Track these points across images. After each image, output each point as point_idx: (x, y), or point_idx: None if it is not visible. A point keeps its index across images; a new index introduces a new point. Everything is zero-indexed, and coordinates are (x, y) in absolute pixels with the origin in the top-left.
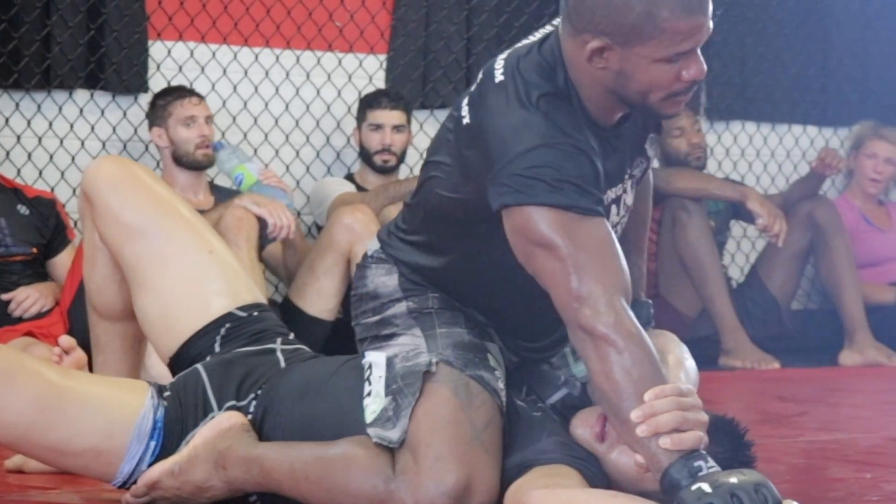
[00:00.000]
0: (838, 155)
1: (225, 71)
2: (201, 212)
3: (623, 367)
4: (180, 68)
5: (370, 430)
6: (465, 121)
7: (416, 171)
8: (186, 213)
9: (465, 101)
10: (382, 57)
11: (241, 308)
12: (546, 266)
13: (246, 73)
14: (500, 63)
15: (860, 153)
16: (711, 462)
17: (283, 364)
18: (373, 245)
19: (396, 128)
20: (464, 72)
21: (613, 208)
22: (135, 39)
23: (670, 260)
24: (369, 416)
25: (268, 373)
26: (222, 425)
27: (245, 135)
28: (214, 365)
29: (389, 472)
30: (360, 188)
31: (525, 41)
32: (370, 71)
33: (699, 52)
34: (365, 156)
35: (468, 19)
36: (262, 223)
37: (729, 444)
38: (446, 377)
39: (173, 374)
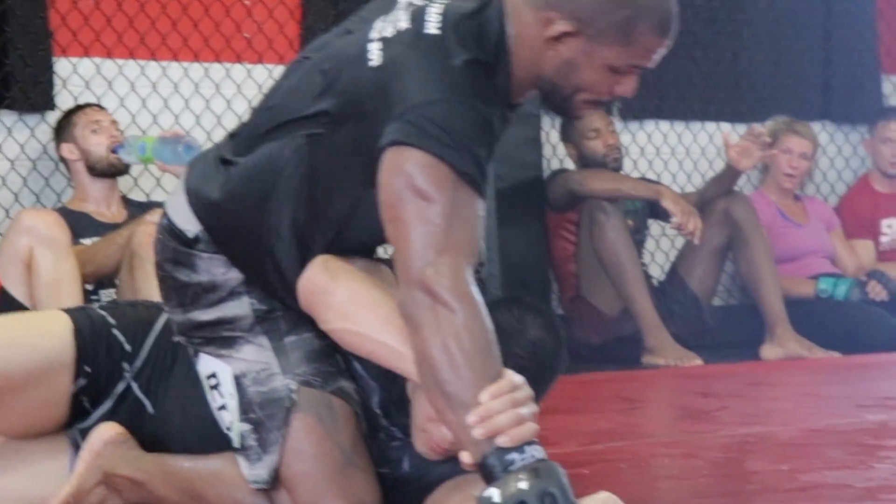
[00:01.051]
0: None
1: (133, 86)
2: (114, 226)
3: (463, 343)
4: (87, 84)
5: (238, 459)
6: (373, 62)
7: None
8: None
9: (375, 44)
10: None
11: (75, 377)
12: (414, 216)
13: (154, 87)
14: (434, 15)
15: (775, 149)
16: (528, 452)
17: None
18: (192, 225)
19: None
20: None
21: None
22: (39, 56)
23: (590, 261)
24: (235, 439)
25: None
26: (97, 445)
27: None
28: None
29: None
30: None
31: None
32: None
33: (635, 76)
34: None
35: None
36: None
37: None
38: (309, 403)
39: None
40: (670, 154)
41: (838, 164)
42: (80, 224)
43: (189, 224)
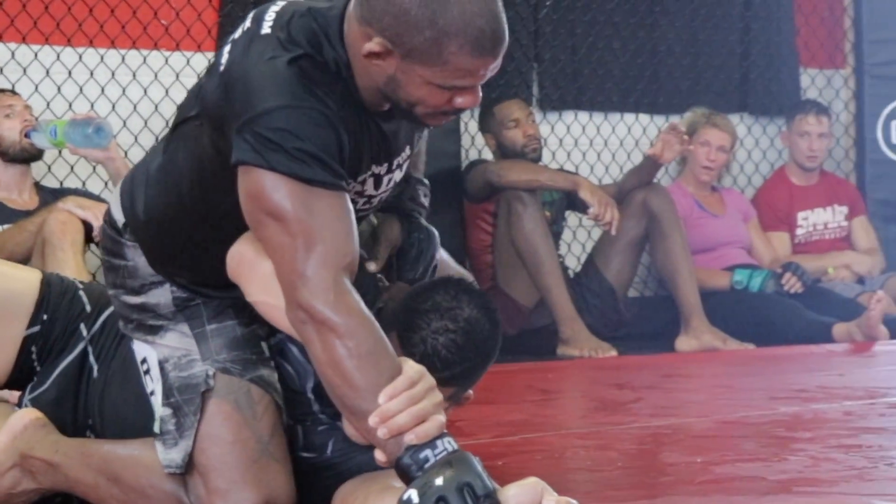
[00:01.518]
0: (678, 131)
1: (48, 72)
2: (26, 212)
3: (349, 354)
4: (1, 70)
5: (156, 444)
6: (222, 67)
7: None
8: None
9: (227, 47)
10: (210, 55)
11: (30, 324)
12: (273, 237)
13: (70, 73)
14: (271, 14)
15: (693, 141)
16: (440, 446)
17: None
18: (120, 215)
19: None
20: None
21: (371, 182)
22: None
23: (507, 251)
24: (156, 424)
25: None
26: (16, 428)
27: None
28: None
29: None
30: None
31: None
32: (198, 69)
33: (474, 89)
34: None
35: None
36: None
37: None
38: (226, 389)
39: None
40: (588, 145)
41: (755, 157)
42: None
43: (119, 214)
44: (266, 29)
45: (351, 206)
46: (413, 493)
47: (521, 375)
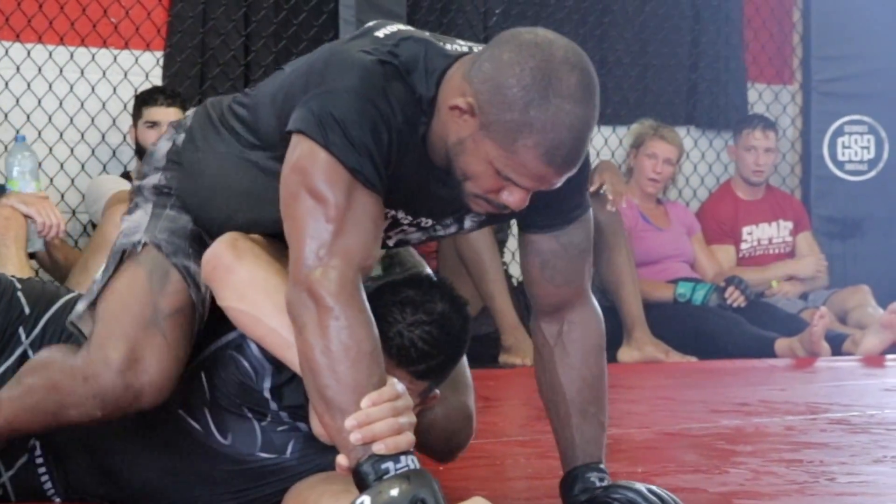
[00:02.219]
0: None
1: None
2: None
3: (346, 347)
4: None
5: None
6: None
7: None
8: None
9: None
10: (159, 54)
11: None
12: (305, 216)
13: (18, 69)
14: (394, 27)
15: (640, 152)
16: (403, 462)
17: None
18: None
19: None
20: (242, 69)
21: (402, 225)
22: None
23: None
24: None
25: None
26: None
27: (17, 131)
28: None
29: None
30: None
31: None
32: (147, 68)
33: (524, 191)
34: (141, 153)
35: (246, 16)
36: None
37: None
38: (147, 260)
39: None
40: None
41: (701, 170)
42: None
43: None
44: (380, 33)
45: (383, 213)
46: (366, 499)
47: None
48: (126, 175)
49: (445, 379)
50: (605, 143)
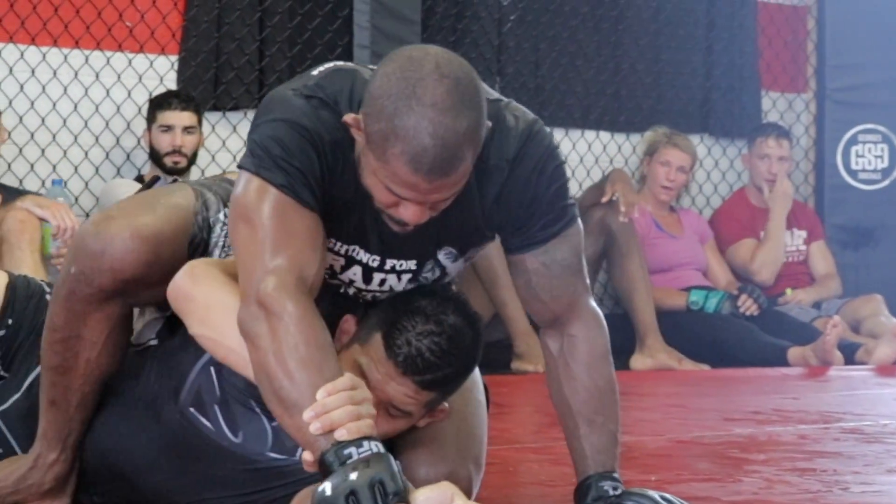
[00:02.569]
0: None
1: (11, 70)
2: None
3: (296, 346)
4: None
5: None
6: None
7: (208, 173)
8: None
9: None
10: (174, 58)
11: None
12: (243, 240)
13: (33, 72)
14: (329, 65)
15: (653, 160)
16: (366, 446)
17: None
18: None
19: (187, 129)
20: (256, 73)
21: (359, 272)
22: None
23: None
24: None
25: None
26: None
27: (32, 135)
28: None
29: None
30: None
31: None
32: (161, 72)
33: (419, 204)
34: (155, 157)
35: (261, 21)
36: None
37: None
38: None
39: None
40: None
41: (714, 178)
42: None
43: None
44: (315, 71)
45: (322, 230)
46: (327, 486)
47: None
48: (140, 179)
49: (453, 393)
50: (619, 151)
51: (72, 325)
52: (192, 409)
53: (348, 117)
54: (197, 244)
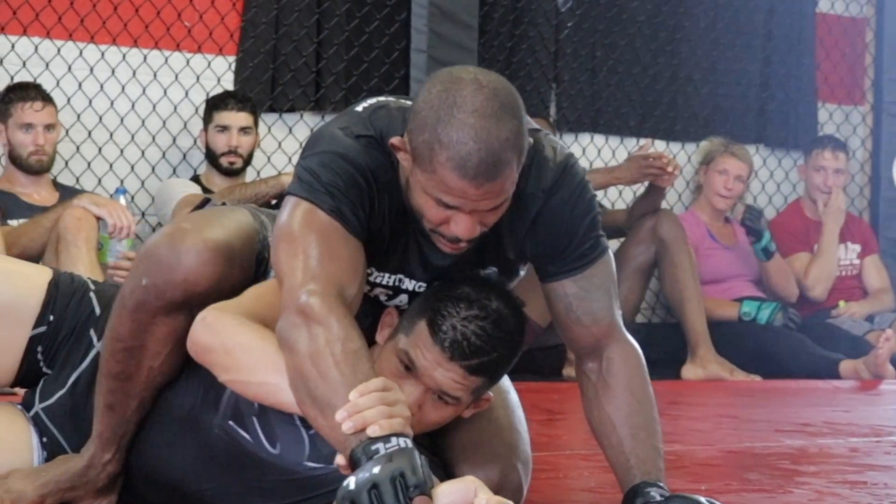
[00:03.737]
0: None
1: (70, 68)
2: (43, 208)
3: (332, 349)
4: (24, 63)
5: None
6: None
7: (263, 174)
8: None
9: None
10: (231, 58)
11: (36, 324)
12: (284, 259)
13: (92, 70)
14: (372, 100)
15: (710, 169)
16: (394, 441)
17: None
18: None
19: (243, 129)
20: (313, 76)
21: (388, 293)
22: None
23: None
24: None
25: None
26: None
27: (90, 133)
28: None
29: None
30: (206, 190)
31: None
32: (219, 72)
33: (470, 216)
34: (211, 157)
35: (318, 23)
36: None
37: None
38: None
39: None
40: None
41: (769, 189)
42: (7, 205)
43: None
44: (359, 107)
45: (364, 257)
46: (351, 481)
47: (527, 395)
48: (196, 178)
49: (499, 378)
50: (674, 159)
51: (137, 335)
52: (231, 423)
53: (395, 139)
54: (261, 259)
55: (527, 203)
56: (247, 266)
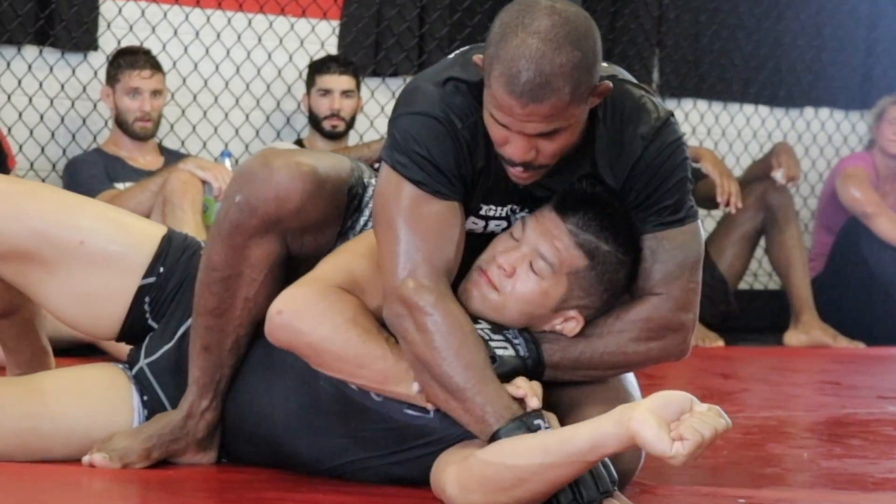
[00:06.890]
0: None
1: (176, 32)
2: (148, 172)
3: (443, 334)
4: (131, 27)
5: None
6: None
7: (366, 138)
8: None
9: None
10: (335, 23)
11: (146, 275)
12: (382, 239)
13: (197, 34)
14: (471, 47)
15: (882, 120)
16: (547, 422)
17: None
18: None
19: (345, 93)
20: (416, 40)
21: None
22: None
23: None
24: None
25: None
26: None
27: (195, 97)
28: (160, 370)
29: None
30: None
31: None
32: (322, 37)
33: (523, 138)
34: (314, 121)
35: None
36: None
37: None
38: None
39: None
40: (706, 134)
41: None
42: (114, 168)
43: None
44: (451, 56)
45: (462, 215)
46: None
47: None
48: (299, 142)
49: (589, 300)
50: (778, 126)
51: (232, 262)
52: None
53: (476, 57)
54: (354, 194)
55: (625, 147)
56: (337, 194)
